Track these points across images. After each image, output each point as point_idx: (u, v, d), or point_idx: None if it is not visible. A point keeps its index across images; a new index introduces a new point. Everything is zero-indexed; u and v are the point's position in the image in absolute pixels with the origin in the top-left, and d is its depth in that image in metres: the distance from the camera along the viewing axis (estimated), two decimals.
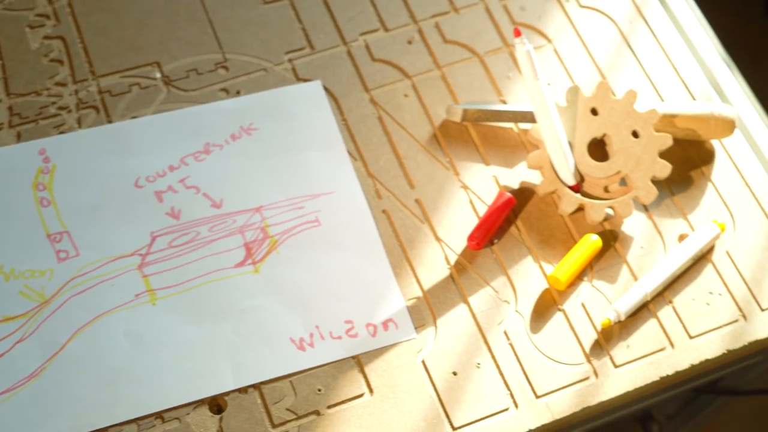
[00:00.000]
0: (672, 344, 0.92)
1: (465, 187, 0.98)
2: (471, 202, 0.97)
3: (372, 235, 0.95)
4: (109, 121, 0.97)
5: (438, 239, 0.95)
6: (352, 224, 0.95)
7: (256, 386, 0.88)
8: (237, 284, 0.92)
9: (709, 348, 0.92)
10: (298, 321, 0.91)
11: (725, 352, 0.92)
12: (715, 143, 1.02)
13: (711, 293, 0.95)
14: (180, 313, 0.90)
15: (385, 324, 0.91)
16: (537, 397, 0.89)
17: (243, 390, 0.88)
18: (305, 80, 1.01)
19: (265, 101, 1.00)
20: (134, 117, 0.98)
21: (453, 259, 0.94)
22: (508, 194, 0.96)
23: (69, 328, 0.89)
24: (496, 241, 0.95)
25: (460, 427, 0.87)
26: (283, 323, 0.90)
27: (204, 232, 0.94)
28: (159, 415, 0.86)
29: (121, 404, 0.86)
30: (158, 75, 1.00)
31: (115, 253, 0.92)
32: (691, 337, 0.93)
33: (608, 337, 0.92)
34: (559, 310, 0.93)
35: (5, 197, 0.93)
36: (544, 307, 0.93)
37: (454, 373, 0.89)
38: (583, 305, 0.93)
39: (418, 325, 0.91)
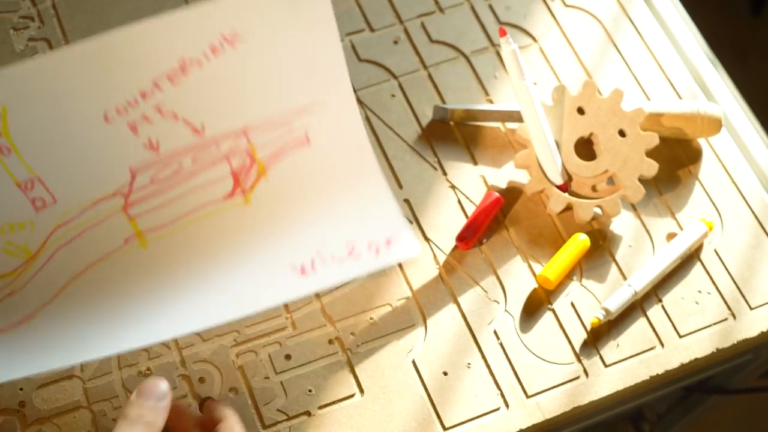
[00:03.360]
0: (662, 343, 0.92)
1: (453, 187, 0.98)
2: (459, 202, 0.97)
3: (365, 148, 0.89)
4: None
5: (426, 239, 0.95)
6: (343, 139, 0.89)
7: (246, 387, 0.87)
8: (228, 218, 0.87)
9: (699, 347, 0.92)
10: (297, 247, 0.86)
11: (715, 350, 0.92)
12: (701, 142, 1.02)
13: (700, 292, 0.95)
14: (173, 254, 0.86)
15: (387, 241, 0.86)
16: (527, 396, 0.89)
17: (233, 390, 0.87)
18: None
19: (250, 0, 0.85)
20: None
21: (442, 259, 0.94)
22: (496, 194, 0.95)
23: (58, 281, 0.85)
24: (484, 240, 0.95)
25: (451, 427, 0.87)
26: (281, 252, 0.86)
27: (187, 162, 0.87)
28: None
29: (117, 339, 0.82)
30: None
31: (95, 196, 0.85)
32: (680, 336, 0.93)
33: (598, 337, 0.92)
34: (549, 309, 0.93)
35: None
36: (534, 307, 0.93)
37: (445, 373, 0.89)
38: (573, 304, 0.93)
39: (408, 326, 0.91)
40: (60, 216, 0.85)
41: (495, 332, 0.91)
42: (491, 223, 0.96)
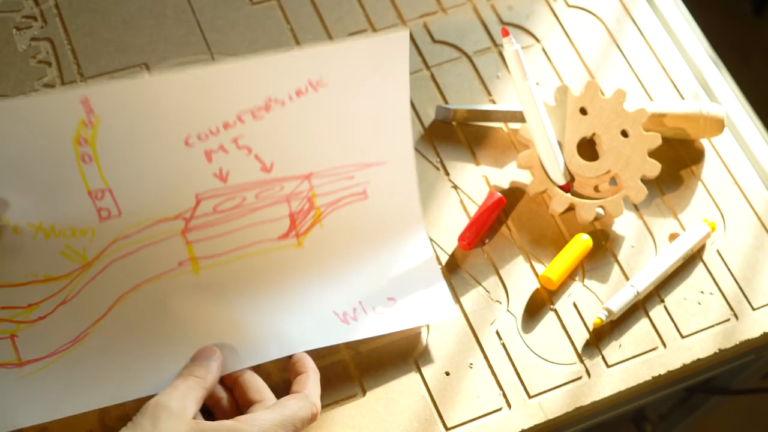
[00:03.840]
0: (664, 344, 0.92)
1: (455, 187, 0.98)
2: (461, 202, 0.97)
3: (416, 212, 0.93)
4: None
5: (429, 239, 0.95)
6: (398, 200, 0.92)
7: None
8: (280, 258, 0.89)
9: (701, 347, 0.92)
10: (341, 296, 0.89)
11: (717, 351, 0.92)
12: (704, 142, 1.02)
13: (702, 292, 0.95)
14: (223, 284, 0.88)
15: (426, 303, 0.90)
16: (530, 397, 0.89)
17: None
18: None
19: (341, 52, 0.88)
20: None
21: (444, 259, 0.94)
22: (499, 194, 0.95)
23: (111, 295, 0.86)
24: (487, 241, 0.95)
25: (453, 428, 0.87)
26: (326, 298, 0.89)
27: (250, 197, 0.89)
28: None
29: (163, 376, 0.84)
30: (146, 76, 1.00)
31: (159, 215, 0.88)
32: (682, 336, 0.93)
33: (600, 337, 0.92)
34: (551, 309, 0.93)
35: (44, 151, 0.85)
36: (536, 307, 0.93)
37: (447, 374, 0.89)
38: (575, 305, 0.93)
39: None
40: (122, 229, 0.88)
41: (497, 332, 0.91)
42: (493, 224, 0.96)
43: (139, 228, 0.88)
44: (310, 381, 0.83)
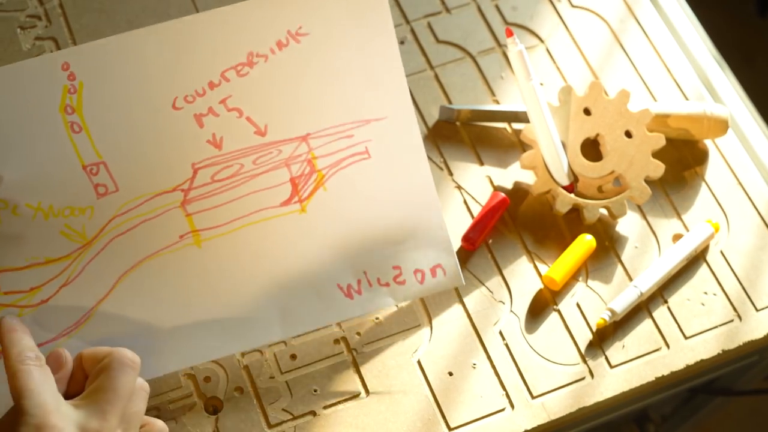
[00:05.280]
0: (667, 344, 0.92)
1: (459, 187, 0.98)
2: (465, 202, 0.97)
3: (423, 170, 0.90)
4: None
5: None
6: (403, 157, 0.90)
7: (251, 387, 0.87)
8: (283, 225, 0.88)
9: (705, 348, 0.92)
10: (346, 265, 0.88)
11: (720, 352, 0.92)
12: (708, 143, 1.02)
13: (706, 293, 0.95)
14: (226, 256, 0.87)
15: (433, 270, 0.89)
16: (533, 397, 0.89)
17: (238, 389, 0.87)
18: None
19: None
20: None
21: None
22: (502, 194, 0.95)
23: (113, 273, 0.86)
24: (490, 241, 0.95)
25: (456, 428, 0.87)
26: (330, 268, 0.87)
27: (248, 164, 0.87)
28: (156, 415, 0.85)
29: (168, 355, 0.84)
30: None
31: (156, 188, 0.86)
32: (686, 337, 0.93)
33: (603, 338, 0.92)
34: (555, 310, 0.93)
35: (33, 122, 0.84)
36: (539, 308, 0.93)
37: (450, 374, 0.89)
38: (578, 305, 0.93)
39: (413, 326, 0.91)
40: (120, 205, 0.86)
41: (500, 333, 0.91)
42: (497, 224, 0.96)
43: (138, 203, 0.86)
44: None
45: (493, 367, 0.90)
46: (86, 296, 0.85)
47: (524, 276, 0.94)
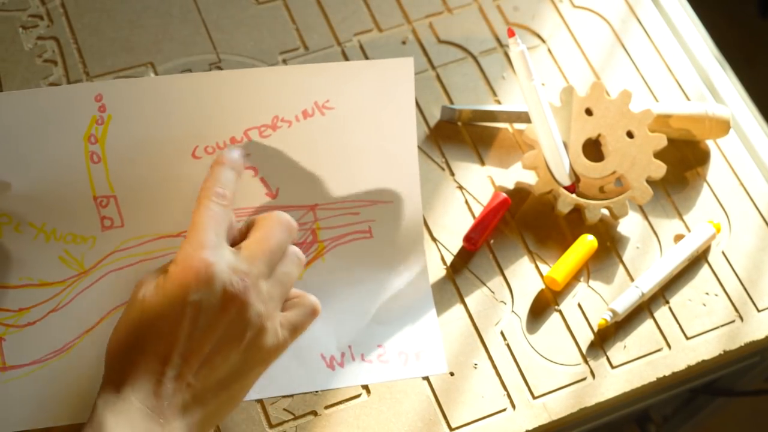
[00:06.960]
0: (668, 345, 0.92)
1: (460, 187, 0.98)
2: (466, 202, 0.97)
3: (419, 258, 0.92)
4: None
5: (434, 239, 0.95)
6: (402, 244, 0.92)
7: None
8: None
9: (706, 349, 0.92)
10: (332, 337, 0.89)
11: (722, 352, 0.92)
12: (710, 143, 1.02)
13: (707, 294, 0.95)
14: None
15: (417, 354, 0.89)
16: (534, 397, 0.89)
17: None
18: None
19: (347, 74, 0.87)
20: None
21: (449, 259, 0.94)
22: (504, 195, 0.95)
23: (104, 306, 0.86)
24: (491, 241, 0.95)
25: (457, 428, 0.87)
26: (316, 337, 0.88)
27: None
28: None
29: None
30: (152, 75, 1.00)
31: (161, 231, 0.87)
32: (687, 337, 0.92)
33: (605, 338, 0.92)
34: (556, 310, 0.93)
35: (55, 144, 0.84)
36: (541, 308, 0.93)
37: (451, 374, 0.89)
38: (580, 306, 0.93)
39: None
40: (122, 241, 0.87)
41: (502, 333, 0.91)
42: (498, 224, 0.96)
43: (140, 242, 0.87)
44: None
45: (495, 367, 0.90)
46: (72, 326, 0.86)
47: (525, 276, 0.94)
